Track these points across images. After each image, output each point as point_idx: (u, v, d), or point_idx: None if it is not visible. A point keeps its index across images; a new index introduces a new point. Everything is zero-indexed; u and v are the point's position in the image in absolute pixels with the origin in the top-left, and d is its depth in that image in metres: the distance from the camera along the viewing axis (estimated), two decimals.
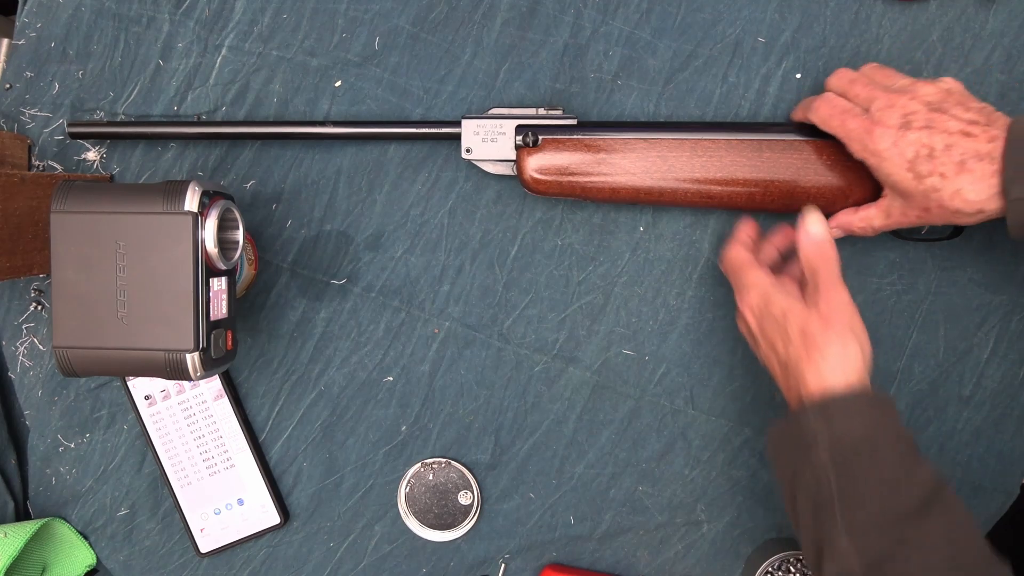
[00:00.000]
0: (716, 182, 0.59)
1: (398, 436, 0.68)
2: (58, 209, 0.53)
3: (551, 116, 0.60)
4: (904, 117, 0.51)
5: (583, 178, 0.59)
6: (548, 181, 0.60)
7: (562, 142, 0.59)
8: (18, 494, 0.69)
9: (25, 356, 0.68)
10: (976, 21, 0.62)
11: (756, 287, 0.55)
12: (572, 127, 0.59)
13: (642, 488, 0.67)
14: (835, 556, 0.46)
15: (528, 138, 0.59)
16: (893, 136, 0.51)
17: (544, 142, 0.59)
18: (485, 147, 0.61)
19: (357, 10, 0.65)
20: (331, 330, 0.67)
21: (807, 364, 0.50)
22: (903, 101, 0.52)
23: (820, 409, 0.49)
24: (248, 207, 0.66)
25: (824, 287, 0.52)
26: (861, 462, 0.47)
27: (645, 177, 0.59)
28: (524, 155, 0.59)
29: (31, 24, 0.66)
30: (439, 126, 0.61)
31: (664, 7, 0.63)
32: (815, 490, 0.48)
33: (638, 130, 0.59)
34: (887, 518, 0.46)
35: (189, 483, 0.67)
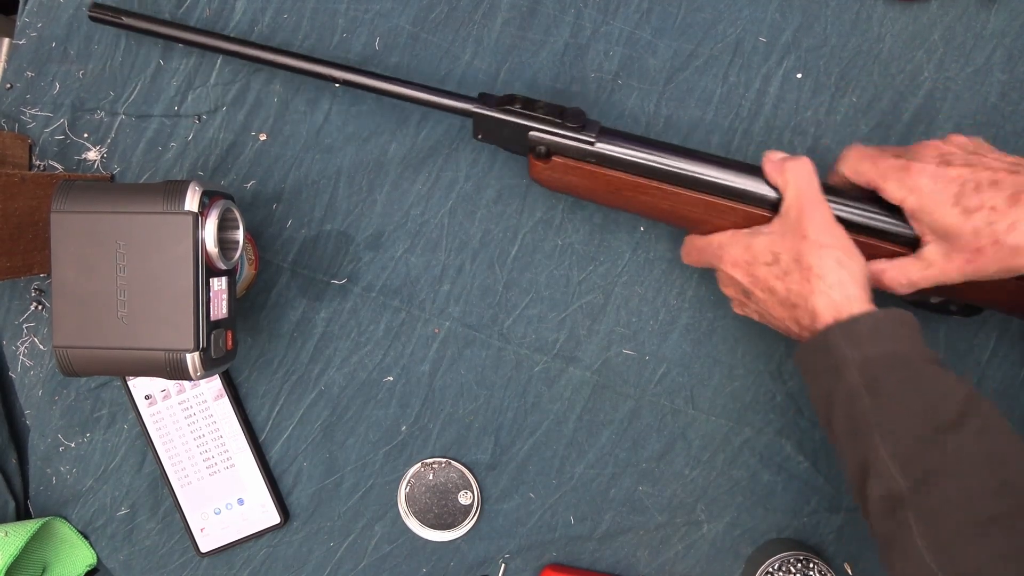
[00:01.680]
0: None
1: (398, 436, 0.68)
2: (58, 209, 0.53)
3: (568, 128, 0.55)
4: (941, 156, 0.49)
5: (594, 197, 0.58)
6: (557, 188, 0.58)
7: (573, 169, 0.55)
8: (19, 493, 0.69)
9: (25, 356, 0.68)
10: (977, 21, 0.62)
11: (729, 244, 0.53)
12: (587, 150, 0.55)
13: (642, 488, 0.67)
14: (879, 475, 0.45)
15: (540, 150, 0.55)
16: (932, 171, 0.49)
17: (556, 161, 0.55)
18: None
19: (357, 10, 0.65)
20: (331, 330, 0.67)
21: (813, 293, 0.49)
22: (936, 143, 0.50)
23: (845, 331, 0.47)
24: (248, 207, 0.66)
25: (808, 208, 0.50)
26: (893, 380, 0.46)
27: (660, 214, 0.57)
28: (534, 160, 0.56)
29: (32, 24, 0.66)
30: (454, 98, 0.56)
31: (664, 7, 0.63)
32: (850, 411, 0.46)
33: (661, 160, 0.54)
34: (926, 432, 0.44)
35: (189, 483, 0.67)
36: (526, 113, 0.55)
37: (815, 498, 0.66)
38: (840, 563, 0.67)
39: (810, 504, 0.66)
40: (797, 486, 0.66)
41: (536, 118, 0.55)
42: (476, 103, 0.56)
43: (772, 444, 0.66)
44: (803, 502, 0.66)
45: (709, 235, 0.55)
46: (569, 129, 0.54)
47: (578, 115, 0.54)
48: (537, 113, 0.55)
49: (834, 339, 0.47)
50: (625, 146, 0.55)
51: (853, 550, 0.66)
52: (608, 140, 0.55)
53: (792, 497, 0.66)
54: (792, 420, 0.66)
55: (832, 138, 0.64)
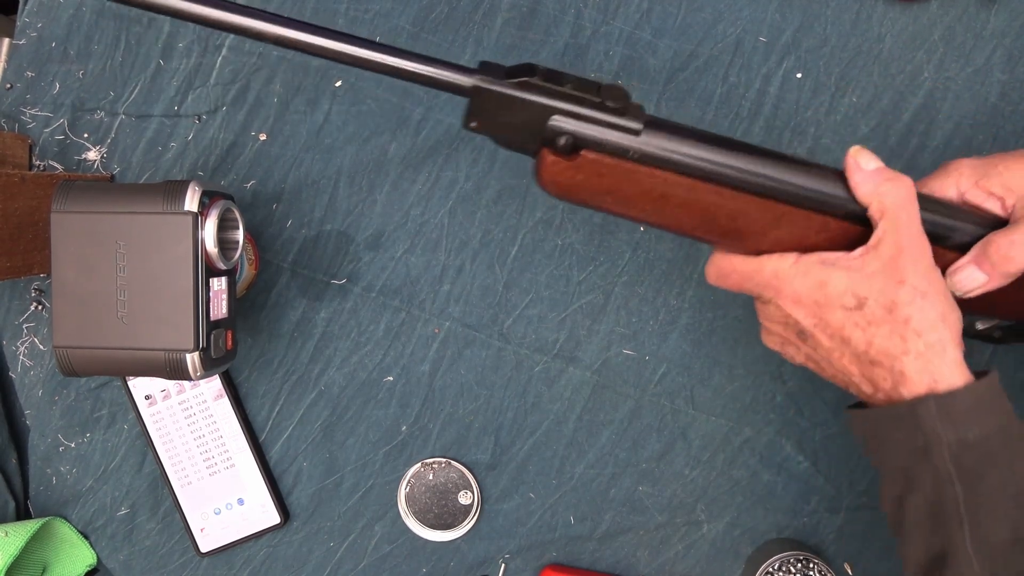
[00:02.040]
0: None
1: (398, 436, 0.68)
2: (58, 209, 0.53)
3: (608, 111, 0.41)
4: None
5: (620, 208, 0.44)
6: (577, 197, 0.44)
7: (609, 168, 0.42)
8: (19, 493, 0.69)
9: (26, 356, 0.68)
10: (977, 21, 0.62)
11: (793, 275, 0.43)
12: (628, 145, 0.42)
13: (642, 488, 0.67)
14: (960, 571, 0.40)
15: (564, 142, 0.41)
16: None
17: (584, 157, 0.41)
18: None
19: (357, 10, 0.65)
20: (331, 330, 0.67)
21: (906, 353, 0.40)
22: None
23: (942, 407, 0.40)
24: (248, 207, 0.66)
25: (909, 246, 0.41)
26: (991, 472, 0.40)
27: (708, 229, 0.45)
28: (548, 157, 0.42)
29: (32, 24, 0.66)
30: (446, 68, 0.41)
31: (664, 7, 0.63)
32: (935, 497, 0.41)
33: (728, 160, 0.43)
34: (1020, 537, 0.39)
35: (189, 483, 0.67)
36: (551, 89, 0.40)
37: (815, 498, 0.66)
38: (840, 563, 0.67)
39: (810, 504, 0.66)
40: (797, 486, 0.66)
41: (565, 95, 0.40)
42: (478, 75, 0.41)
43: (772, 444, 0.66)
44: (803, 502, 0.66)
45: (759, 257, 0.44)
46: (610, 112, 0.41)
47: (619, 94, 0.41)
48: (566, 89, 0.40)
49: (926, 414, 0.40)
50: (679, 139, 0.42)
51: (853, 550, 0.66)
52: (657, 131, 0.42)
53: (792, 497, 0.66)
54: (792, 420, 0.66)
55: (832, 138, 0.64)
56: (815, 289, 0.43)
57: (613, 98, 0.41)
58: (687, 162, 0.42)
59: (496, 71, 0.41)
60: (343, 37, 0.42)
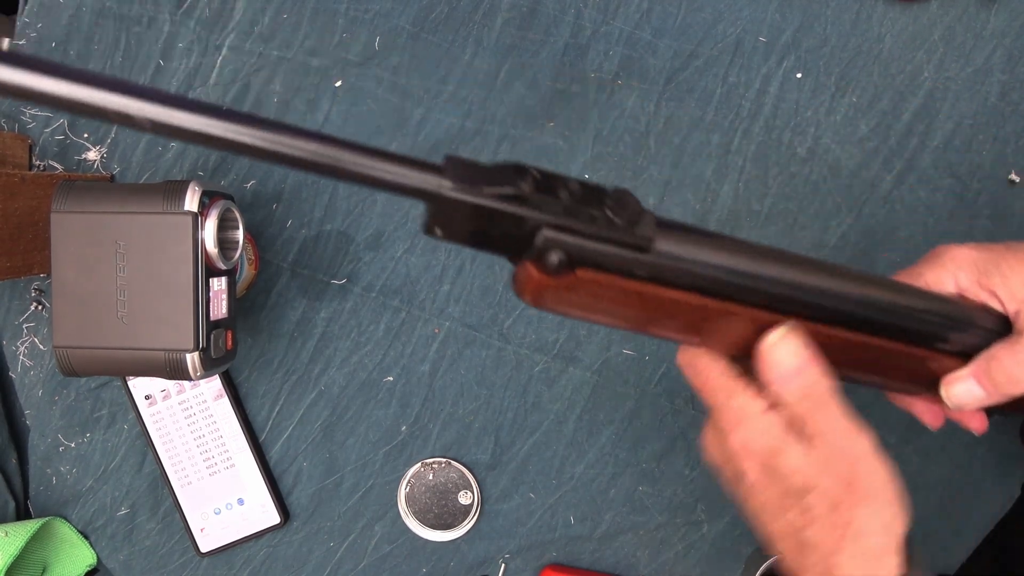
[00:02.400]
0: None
1: (398, 436, 0.68)
2: (58, 209, 0.53)
3: (615, 227, 0.33)
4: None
5: (613, 323, 0.37)
6: (555, 311, 0.36)
7: (607, 287, 0.35)
8: (19, 493, 0.69)
9: (25, 356, 0.68)
10: (977, 21, 0.62)
11: (752, 425, 0.40)
12: (634, 265, 0.34)
13: (642, 488, 0.67)
14: None
15: (556, 259, 0.33)
16: None
17: (580, 277, 0.34)
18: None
19: (357, 10, 0.65)
20: (331, 330, 0.67)
21: (840, 552, 0.38)
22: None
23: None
24: (248, 207, 0.66)
25: (839, 439, 0.39)
26: None
27: (709, 339, 0.39)
28: (533, 272, 0.34)
29: (32, 24, 0.66)
30: (409, 166, 0.32)
31: (664, 7, 0.63)
32: None
33: (745, 265, 0.36)
34: None
35: (189, 483, 0.67)
36: (545, 202, 0.32)
37: None
38: None
39: None
40: None
41: (562, 209, 0.32)
42: (448, 177, 0.32)
43: None
44: None
45: (735, 381, 0.40)
46: (617, 228, 0.33)
47: (627, 201, 0.33)
48: (563, 200, 0.32)
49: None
50: (699, 250, 0.35)
51: None
52: (672, 241, 0.35)
53: None
54: None
55: (832, 138, 0.64)
56: (768, 453, 0.39)
57: (620, 207, 0.33)
58: (708, 277, 0.35)
59: (471, 172, 0.32)
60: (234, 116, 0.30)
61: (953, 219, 0.64)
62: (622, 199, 0.33)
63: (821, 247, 0.64)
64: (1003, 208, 0.63)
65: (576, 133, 0.65)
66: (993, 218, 0.63)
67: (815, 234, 0.64)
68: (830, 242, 0.64)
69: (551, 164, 0.65)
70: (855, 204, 0.64)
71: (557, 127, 0.65)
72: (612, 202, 0.33)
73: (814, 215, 0.64)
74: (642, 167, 0.65)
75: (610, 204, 0.33)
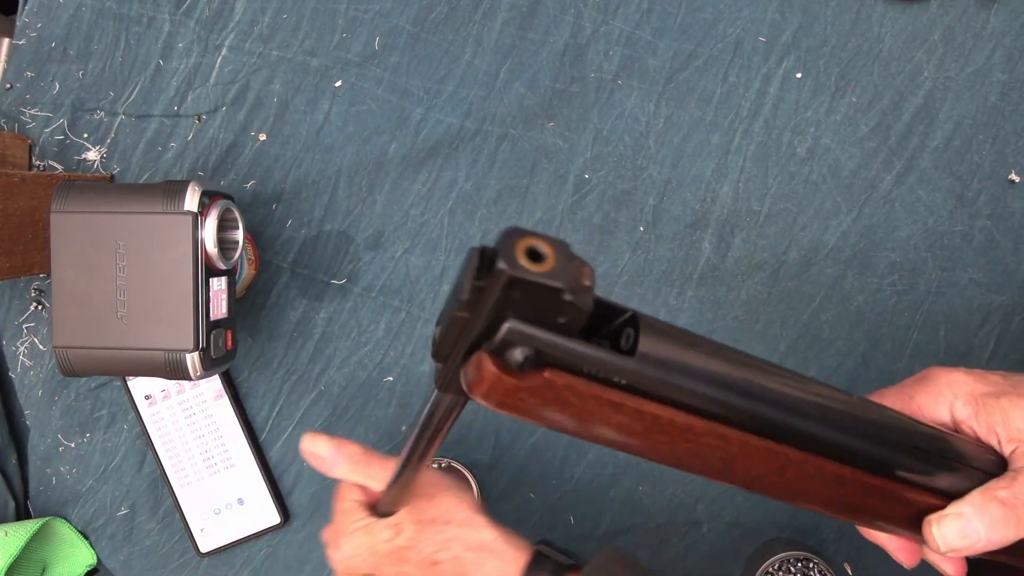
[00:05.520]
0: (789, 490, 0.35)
1: (398, 436, 0.68)
2: (58, 209, 0.53)
3: (600, 346, 0.29)
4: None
5: (579, 435, 0.32)
6: (512, 414, 0.31)
7: (579, 394, 0.29)
8: (19, 493, 0.69)
9: (25, 356, 0.68)
10: (977, 21, 0.62)
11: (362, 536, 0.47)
12: (614, 372, 0.29)
13: (642, 488, 0.67)
14: None
15: (522, 356, 0.28)
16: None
17: (548, 380, 0.29)
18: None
19: (357, 10, 0.65)
20: (331, 330, 0.67)
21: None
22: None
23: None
24: (248, 207, 0.66)
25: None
26: None
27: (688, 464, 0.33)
28: (489, 367, 0.28)
29: (32, 24, 0.66)
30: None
31: (664, 7, 0.63)
32: None
33: (723, 394, 0.31)
34: None
35: (189, 483, 0.67)
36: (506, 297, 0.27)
37: None
38: (840, 563, 0.67)
39: None
40: None
41: (531, 318, 0.27)
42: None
43: None
44: None
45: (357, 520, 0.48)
46: (601, 348, 0.29)
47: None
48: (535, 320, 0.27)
49: None
50: (688, 357, 0.31)
51: (853, 550, 0.66)
52: (657, 348, 0.30)
53: None
54: None
55: (832, 138, 0.64)
56: (360, 543, 0.47)
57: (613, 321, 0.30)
58: (696, 393, 0.31)
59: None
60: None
61: (953, 219, 0.64)
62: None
63: (821, 247, 0.64)
64: (1003, 208, 0.63)
65: (576, 133, 0.65)
66: (993, 218, 0.63)
67: (815, 234, 0.65)
68: (830, 242, 0.64)
69: (551, 164, 0.65)
70: (855, 204, 0.64)
71: (557, 127, 0.65)
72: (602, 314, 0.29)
73: (814, 215, 0.64)
74: (642, 167, 0.65)
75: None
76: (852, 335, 0.65)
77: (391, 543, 0.46)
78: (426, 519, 0.47)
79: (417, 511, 0.47)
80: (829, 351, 0.65)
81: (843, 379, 0.64)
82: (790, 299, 0.65)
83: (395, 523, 0.46)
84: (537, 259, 0.26)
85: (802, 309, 0.65)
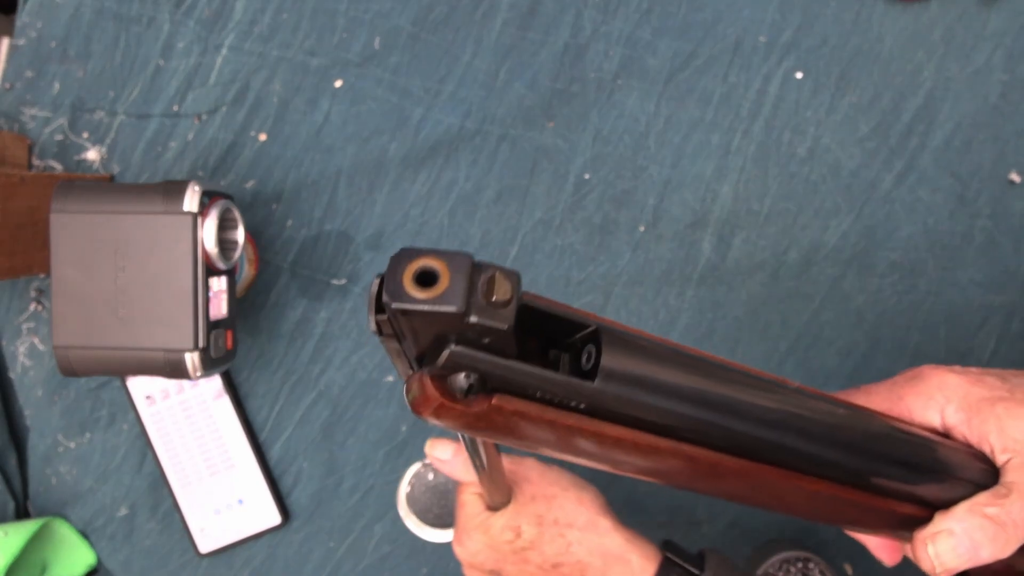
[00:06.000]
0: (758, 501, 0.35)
1: (398, 436, 0.68)
2: (58, 209, 0.53)
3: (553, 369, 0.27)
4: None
5: (539, 451, 0.29)
6: (464, 431, 0.28)
7: (533, 419, 0.26)
8: (18, 494, 0.69)
9: (25, 356, 0.68)
10: (978, 21, 0.62)
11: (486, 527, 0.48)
12: (572, 395, 0.27)
13: (642, 488, 0.67)
14: None
15: (467, 382, 0.25)
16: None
17: (498, 404, 0.26)
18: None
19: (357, 10, 0.65)
20: (331, 330, 0.67)
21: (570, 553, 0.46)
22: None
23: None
24: (248, 207, 0.66)
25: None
26: None
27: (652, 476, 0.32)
28: (431, 391, 0.25)
29: (31, 24, 0.66)
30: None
31: (664, 7, 0.63)
32: None
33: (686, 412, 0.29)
34: None
35: (189, 483, 0.67)
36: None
37: None
38: (840, 563, 0.67)
39: None
40: None
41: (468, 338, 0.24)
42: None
43: None
44: None
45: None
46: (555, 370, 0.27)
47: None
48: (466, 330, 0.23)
49: None
50: (655, 373, 0.28)
51: (853, 550, 0.66)
52: (620, 364, 0.26)
53: None
54: None
55: (832, 138, 0.64)
56: (482, 543, 0.47)
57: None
58: (663, 411, 0.28)
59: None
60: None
61: (953, 219, 0.64)
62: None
63: (821, 247, 0.65)
64: (1003, 208, 0.63)
65: (576, 133, 0.65)
66: (993, 218, 0.63)
67: (815, 234, 0.65)
68: (830, 242, 0.64)
69: (551, 164, 0.65)
70: (855, 204, 0.64)
71: (557, 127, 0.65)
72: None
73: (814, 215, 0.64)
74: (642, 167, 0.65)
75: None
76: (852, 335, 0.65)
77: (513, 544, 0.46)
78: (548, 521, 0.46)
79: (537, 513, 0.46)
80: (829, 351, 0.65)
81: (843, 379, 0.65)
82: (790, 299, 0.65)
83: (515, 525, 0.46)
84: (429, 282, 0.22)
85: (802, 309, 0.65)
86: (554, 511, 0.47)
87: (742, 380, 0.30)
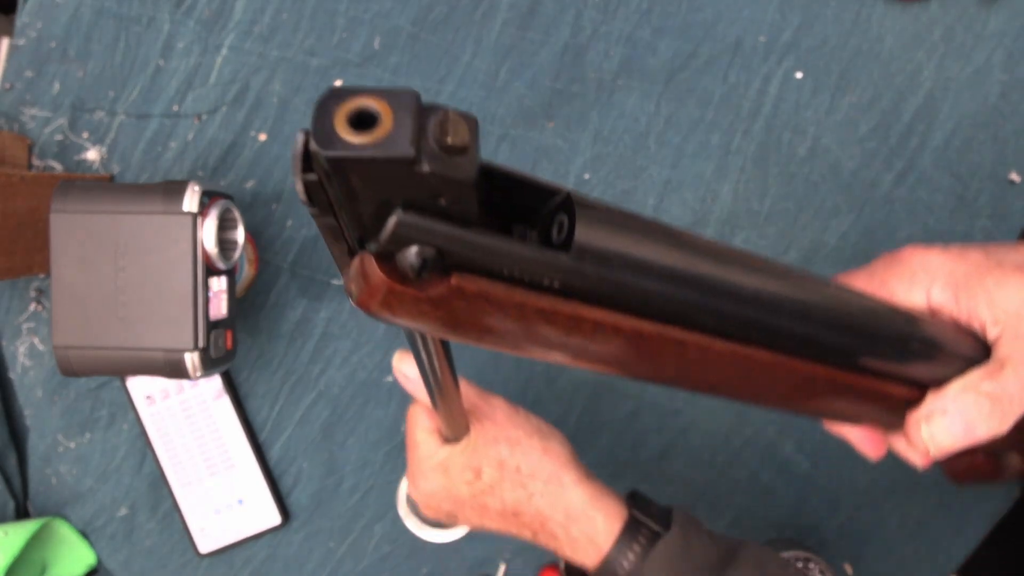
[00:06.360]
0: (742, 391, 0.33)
1: (398, 436, 0.68)
2: (58, 209, 0.53)
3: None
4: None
5: (506, 350, 0.26)
6: (419, 326, 0.24)
7: (498, 303, 0.23)
8: (18, 494, 0.69)
9: (25, 356, 0.68)
10: (978, 21, 0.62)
11: (453, 458, 0.46)
12: (550, 286, 0.24)
13: (642, 488, 0.67)
14: None
15: (419, 258, 0.21)
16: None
17: (458, 284, 0.22)
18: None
19: (357, 10, 0.65)
20: (331, 330, 0.67)
21: (532, 496, 0.44)
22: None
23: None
24: (248, 207, 0.66)
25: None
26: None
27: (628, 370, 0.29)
28: (377, 275, 0.22)
29: (31, 24, 0.66)
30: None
31: (664, 7, 0.63)
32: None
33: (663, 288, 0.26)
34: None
35: (189, 483, 0.67)
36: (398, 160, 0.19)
37: (815, 498, 0.66)
38: (840, 563, 0.67)
39: (810, 504, 0.66)
40: (797, 486, 0.66)
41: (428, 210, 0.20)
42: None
43: (772, 444, 0.66)
44: (803, 502, 0.66)
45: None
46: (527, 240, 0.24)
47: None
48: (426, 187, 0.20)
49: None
50: (631, 249, 0.24)
51: (853, 550, 0.67)
52: (595, 238, 0.23)
53: (792, 497, 0.66)
54: (792, 420, 0.66)
55: (832, 138, 0.64)
56: (439, 484, 0.45)
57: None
58: (646, 291, 0.25)
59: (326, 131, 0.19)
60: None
61: (953, 219, 0.64)
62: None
63: (821, 247, 0.64)
64: (1003, 208, 0.63)
65: (576, 133, 0.65)
66: (993, 218, 0.63)
67: (815, 234, 0.65)
68: (830, 242, 0.64)
69: (551, 164, 0.65)
70: (855, 204, 0.64)
71: (557, 127, 0.65)
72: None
73: (814, 215, 0.64)
74: (642, 167, 0.65)
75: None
76: None
77: (472, 487, 0.44)
78: (510, 467, 0.44)
79: (499, 457, 0.44)
80: None
81: None
82: None
83: (475, 465, 0.44)
84: (367, 124, 0.18)
85: None
86: (516, 457, 0.44)
87: (731, 257, 0.27)
